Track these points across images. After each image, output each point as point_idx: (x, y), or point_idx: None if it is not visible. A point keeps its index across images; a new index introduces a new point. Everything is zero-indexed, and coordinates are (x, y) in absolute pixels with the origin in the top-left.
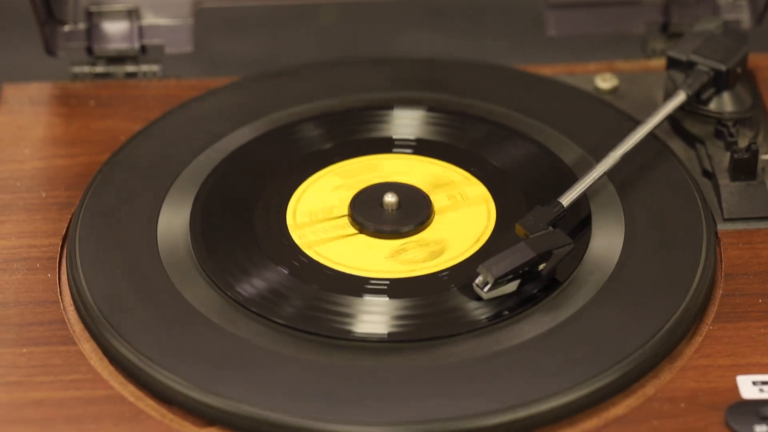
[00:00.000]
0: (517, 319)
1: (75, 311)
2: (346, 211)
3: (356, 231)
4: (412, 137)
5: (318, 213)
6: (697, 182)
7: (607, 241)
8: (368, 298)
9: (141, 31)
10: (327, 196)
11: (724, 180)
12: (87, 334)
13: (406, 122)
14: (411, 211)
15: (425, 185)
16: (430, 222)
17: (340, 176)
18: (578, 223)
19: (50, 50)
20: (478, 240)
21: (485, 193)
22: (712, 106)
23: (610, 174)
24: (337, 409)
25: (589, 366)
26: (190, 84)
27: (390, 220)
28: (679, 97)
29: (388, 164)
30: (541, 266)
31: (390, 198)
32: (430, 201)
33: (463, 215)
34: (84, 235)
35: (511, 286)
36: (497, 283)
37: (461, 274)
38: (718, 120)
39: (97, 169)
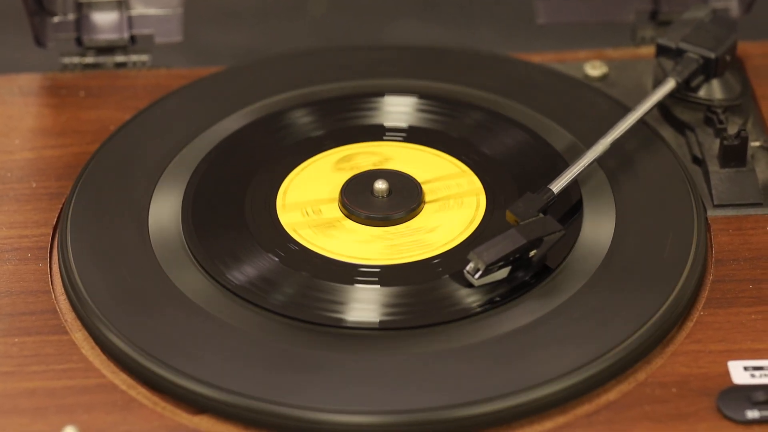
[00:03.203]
0: (508, 306)
1: (66, 301)
2: (336, 199)
3: (346, 218)
4: (403, 124)
5: (308, 200)
6: (687, 169)
7: (597, 228)
8: (359, 286)
9: (130, 21)
10: (317, 183)
11: (714, 167)
12: (79, 324)
13: (398, 109)
14: (402, 199)
15: (416, 172)
16: (421, 209)
17: (331, 164)
18: (569, 209)
19: (40, 41)
20: (468, 227)
21: (476, 179)
22: (702, 93)
23: (600, 161)
24: (329, 397)
25: (581, 353)
26: (180, 73)
27: (380, 207)
28: (669, 85)
29: (379, 151)
30: (532, 253)
31: (381, 185)
32: (421, 188)
33: (454, 202)
34: (75, 225)
35: (502, 273)
36: (488, 270)
37: (452, 261)
38: (708, 107)
39: (87, 159)
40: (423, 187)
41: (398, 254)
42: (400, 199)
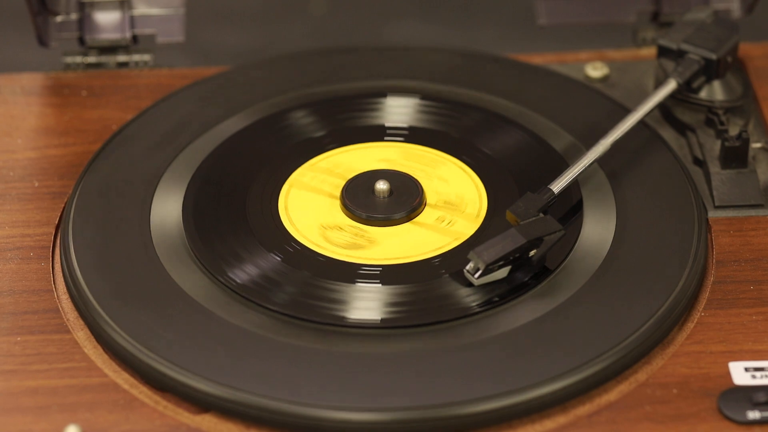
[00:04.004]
0: (508, 306)
1: (69, 300)
2: (337, 199)
3: (348, 218)
4: (404, 125)
5: (310, 200)
6: (688, 170)
7: (598, 229)
8: (361, 285)
9: (132, 21)
10: (319, 183)
11: (715, 168)
12: (81, 323)
13: (399, 110)
14: (403, 199)
15: (417, 173)
16: (422, 209)
17: (332, 163)
18: (569, 210)
19: (42, 41)
20: (449, 243)
21: (477, 180)
22: (703, 94)
23: (601, 162)
24: (331, 394)
25: (581, 353)
26: (182, 73)
27: (381, 208)
28: (670, 85)
29: (380, 152)
30: (532, 253)
31: (382, 185)
32: (421, 188)
33: (455, 202)
34: (77, 224)
35: (502, 273)
36: (488, 270)
37: (453, 260)
38: (709, 108)
39: (90, 158)
40: (424, 187)
41: (441, 243)
42: (401, 200)
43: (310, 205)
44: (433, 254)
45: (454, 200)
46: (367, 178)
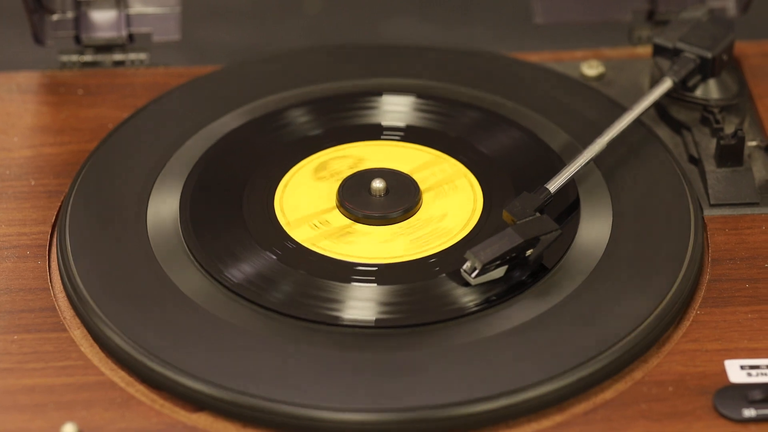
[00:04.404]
0: (505, 305)
1: (65, 298)
2: (334, 197)
3: (344, 216)
4: (401, 124)
5: (309, 214)
6: (684, 168)
7: (594, 228)
8: (356, 284)
9: (128, 20)
10: (306, 196)
11: (710, 166)
12: (77, 321)
13: (396, 109)
14: (399, 197)
15: (413, 171)
16: (418, 208)
17: (328, 162)
18: (566, 209)
19: (38, 39)
20: (465, 226)
21: (473, 179)
22: (699, 93)
23: (597, 160)
24: (325, 394)
25: (578, 352)
26: (178, 72)
27: (378, 206)
28: (666, 84)
29: (377, 150)
30: (529, 252)
31: (378, 184)
32: (418, 187)
33: (451, 201)
34: (74, 223)
35: (499, 272)
36: (485, 269)
37: (449, 260)
38: (705, 107)
39: (86, 156)
40: (420, 186)
41: (424, 246)
42: (397, 198)
43: (308, 203)
44: (455, 241)
45: (446, 185)
46: (364, 177)
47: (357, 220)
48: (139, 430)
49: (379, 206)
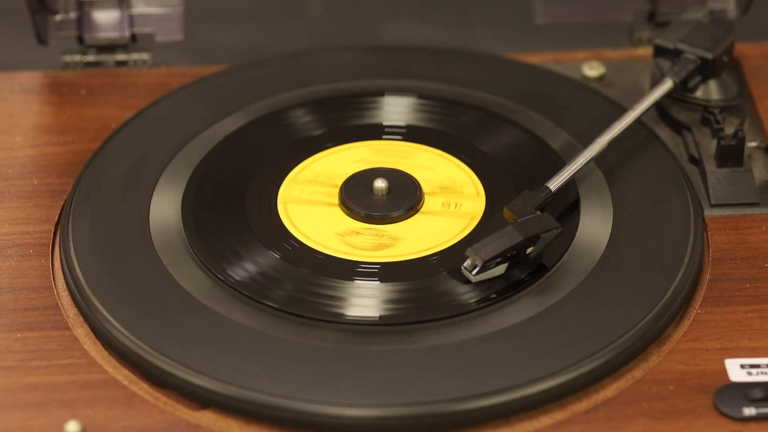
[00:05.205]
0: (506, 303)
1: (68, 296)
2: (336, 197)
3: (346, 216)
4: (402, 124)
5: (308, 198)
6: (684, 169)
7: (595, 226)
8: (359, 282)
9: (131, 20)
10: (317, 181)
11: (711, 167)
12: (81, 319)
13: (397, 109)
14: (401, 197)
15: (415, 171)
16: (420, 208)
17: (331, 162)
18: (566, 207)
19: (41, 39)
20: (467, 224)
21: (474, 178)
22: (699, 93)
23: (597, 160)
24: (329, 391)
25: (578, 349)
26: (181, 72)
27: (380, 206)
28: (666, 85)
29: (378, 150)
30: (529, 250)
31: (380, 183)
32: (419, 187)
33: (452, 200)
34: (77, 222)
35: (500, 270)
36: (485, 267)
37: (450, 258)
38: (705, 107)
39: (89, 156)
40: (422, 185)
41: (460, 227)
42: (399, 198)
43: (309, 202)
44: (477, 222)
45: (448, 184)
46: (366, 176)
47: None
48: (142, 427)
49: (389, 204)
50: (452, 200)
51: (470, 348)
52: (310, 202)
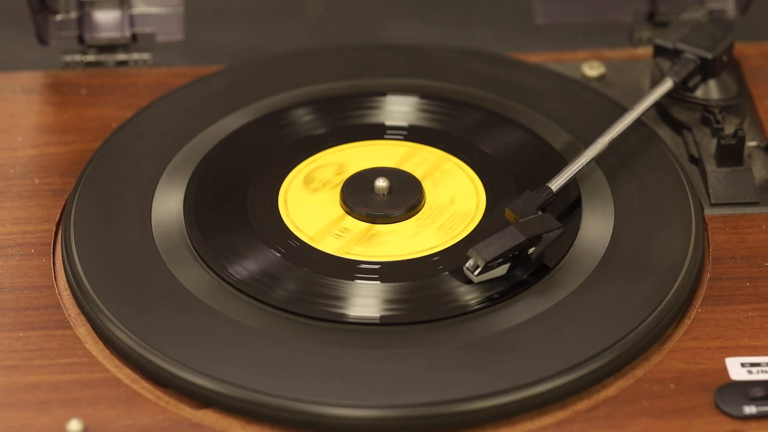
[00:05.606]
0: (507, 303)
1: (70, 296)
2: (337, 196)
3: (347, 215)
4: (404, 124)
5: (326, 225)
6: (685, 168)
7: (596, 226)
8: (360, 282)
9: (132, 20)
10: (310, 194)
11: (711, 166)
12: (82, 318)
13: (399, 109)
14: (402, 196)
15: (416, 171)
16: (421, 206)
17: (332, 161)
18: (568, 207)
19: (42, 39)
20: (468, 224)
21: (475, 178)
22: (699, 93)
23: (598, 160)
24: (330, 391)
25: (580, 349)
26: (181, 72)
27: (381, 205)
28: (666, 84)
29: (380, 150)
30: (531, 250)
31: (381, 183)
32: (421, 186)
33: (450, 185)
34: (78, 221)
35: (501, 270)
36: (487, 267)
37: (452, 257)
38: (705, 107)
39: (90, 156)
40: (423, 185)
41: (452, 233)
42: (400, 197)
43: (310, 201)
44: (476, 223)
45: (437, 171)
46: (367, 176)
47: (374, 221)
48: (144, 426)
49: (390, 204)
50: (453, 200)
51: (472, 349)
52: (311, 202)
